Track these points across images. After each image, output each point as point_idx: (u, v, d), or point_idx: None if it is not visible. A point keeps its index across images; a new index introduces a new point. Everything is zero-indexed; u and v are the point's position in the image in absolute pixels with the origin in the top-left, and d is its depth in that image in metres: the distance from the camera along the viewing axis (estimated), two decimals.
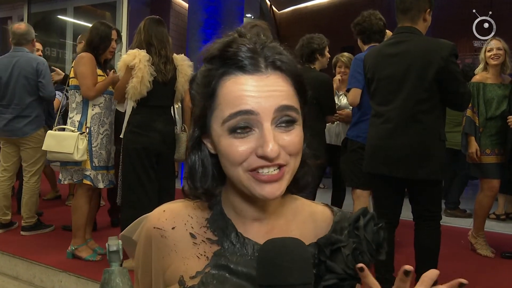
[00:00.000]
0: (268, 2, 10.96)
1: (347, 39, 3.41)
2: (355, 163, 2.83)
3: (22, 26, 3.62)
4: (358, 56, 2.90)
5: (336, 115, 3.44)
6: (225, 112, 0.60)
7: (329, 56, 3.36)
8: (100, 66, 2.99)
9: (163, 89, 2.78)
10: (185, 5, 9.84)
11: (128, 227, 0.81)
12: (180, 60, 2.88)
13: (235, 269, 0.66)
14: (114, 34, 3.05)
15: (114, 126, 3.09)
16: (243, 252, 0.68)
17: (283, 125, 0.61)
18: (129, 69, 2.67)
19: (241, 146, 0.60)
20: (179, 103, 3.16)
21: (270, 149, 0.58)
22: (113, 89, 2.95)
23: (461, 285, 0.57)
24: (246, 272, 0.66)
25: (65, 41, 7.63)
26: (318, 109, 3.03)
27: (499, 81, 3.32)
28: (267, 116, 0.59)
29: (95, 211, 3.37)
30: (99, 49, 2.97)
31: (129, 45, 3.00)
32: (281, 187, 0.62)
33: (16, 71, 3.40)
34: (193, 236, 0.70)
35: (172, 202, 0.77)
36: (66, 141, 2.79)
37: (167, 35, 2.82)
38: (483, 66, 3.37)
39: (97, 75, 2.93)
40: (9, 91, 3.44)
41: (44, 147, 2.90)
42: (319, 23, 10.20)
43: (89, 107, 2.92)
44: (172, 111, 2.96)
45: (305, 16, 11.12)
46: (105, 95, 2.96)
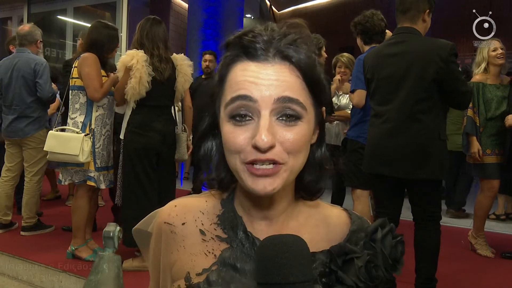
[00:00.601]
0: (268, 3, 10.96)
1: (346, 39, 3.41)
2: (355, 163, 2.83)
3: (25, 27, 3.62)
4: (361, 56, 2.88)
5: (334, 115, 3.45)
6: (227, 96, 0.61)
7: (326, 56, 3.35)
8: (103, 67, 3.00)
9: (162, 89, 2.77)
10: (185, 5, 9.85)
11: (142, 220, 0.79)
12: (180, 59, 2.87)
13: (241, 269, 0.65)
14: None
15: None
16: (252, 252, 0.67)
17: (283, 119, 0.59)
18: (128, 69, 2.68)
19: (238, 135, 0.59)
20: (179, 103, 3.15)
21: (262, 139, 0.56)
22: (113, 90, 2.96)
23: None
24: (253, 272, 0.65)
25: (65, 41, 7.64)
26: None
27: (498, 81, 3.32)
28: (266, 104, 0.58)
29: (94, 211, 3.37)
30: (106, 50, 2.97)
31: (129, 46, 3.01)
32: (274, 183, 0.59)
33: (16, 72, 3.42)
34: (202, 233, 0.69)
35: (185, 197, 0.76)
36: (71, 143, 2.77)
37: (160, 34, 2.78)
38: (484, 66, 3.32)
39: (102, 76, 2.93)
40: (10, 92, 3.45)
41: (46, 148, 2.88)
42: (318, 23, 10.21)
43: (93, 109, 2.92)
44: (172, 111, 2.96)
45: (304, 16, 11.02)
46: (108, 96, 2.96)
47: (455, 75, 2.21)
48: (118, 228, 0.68)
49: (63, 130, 2.93)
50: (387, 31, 3.00)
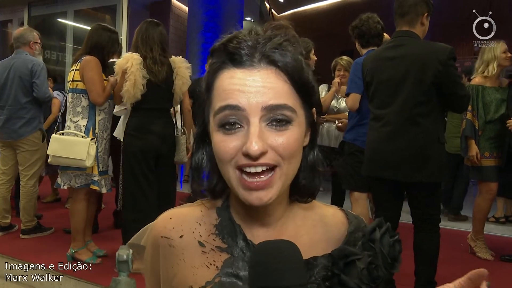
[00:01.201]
0: (268, 5, 10.99)
1: (346, 42, 3.42)
2: (353, 166, 2.83)
3: (19, 30, 3.65)
4: (358, 60, 2.89)
5: (323, 117, 3.51)
6: (216, 105, 0.60)
7: (316, 59, 3.35)
8: (104, 70, 3.00)
9: (159, 91, 2.76)
10: (185, 8, 9.88)
11: (135, 235, 0.79)
12: (178, 62, 2.86)
13: (244, 277, 0.65)
14: None
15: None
16: None
17: (274, 124, 0.58)
18: (124, 73, 2.69)
19: (229, 143, 0.59)
20: (178, 106, 3.16)
21: (253, 146, 0.56)
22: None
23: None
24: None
25: (65, 44, 7.64)
26: None
27: (497, 84, 3.33)
28: (254, 112, 0.57)
29: (94, 213, 3.37)
30: (106, 53, 2.98)
31: (129, 49, 3.02)
32: (269, 193, 0.59)
33: (12, 72, 3.42)
34: (201, 245, 0.68)
35: (178, 207, 0.75)
36: (76, 147, 2.76)
37: (156, 36, 2.77)
38: (494, 65, 3.24)
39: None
40: (6, 92, 3.44)
41: (49, 152, 2.86)
42: (318, 26, 10.24)
43: (96, 112, 2.92)
44: (172, 113, 2.96)
45: (304, 19, 11.16)
46: (108, 100, 2.97)
47: (454, 79, 2.22)
48: (131, 250, 0.67)
49: (62, 134, 2.93)
50: (384, 34, 3.01)
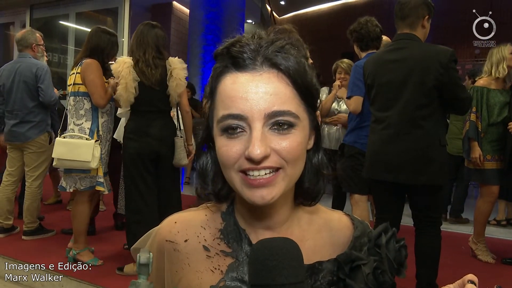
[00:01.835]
0: (269, 8, 11.01)
1: (347, 45, 3.42)
2: (353, 168, 2.83)
3: (20, 32, 3.67)
4: (358, 63, 2.89)
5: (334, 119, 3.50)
6: (219, 112, 0.61)
7: (312, 62, 3.36)
8: (104, 73, 3.01)
9: (154, 93, 2.75)
10: (186, 10, 9.90)
11: (140, 239, 0.79)
12: (174, 63, 2.80)
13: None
14: None
15: None
16: None
17: (276, 129, 0.59)
18: (118, 77, 2.70)
19: (231, 147, 0.59)
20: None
21: (255, 150, 0.56)
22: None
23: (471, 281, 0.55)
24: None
25: (67, 46, 7.67)
26: None
27: (501, 86, 3.31)
28: (257, 119, 0.58)
29: (93, 214, 3.38)
30: (106, 56, 2.99)
31: None
32: (272, 192, 0.59)
33: (18, 77, 3.44)
34: (206, 249, 0.68)
35: (183, 211, 0.75)
36: (81, 149, 2.77)
37: (150, 39, 2.74)
38: (503, 66, 3.23)
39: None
40: (12, 97, 3.47)
41: (54, 155, 2.86)
42: (319, 29, 10.26)
43: (98, 115, 2.93)
44: (171, 115, 2.96)
45: (305, 22, 11.18)
46: (110, 102, 2.98)
47: (455, 81, 2.22)
48: (151, 254, 0.68)
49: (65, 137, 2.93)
50: (384, 36, 3.02)
